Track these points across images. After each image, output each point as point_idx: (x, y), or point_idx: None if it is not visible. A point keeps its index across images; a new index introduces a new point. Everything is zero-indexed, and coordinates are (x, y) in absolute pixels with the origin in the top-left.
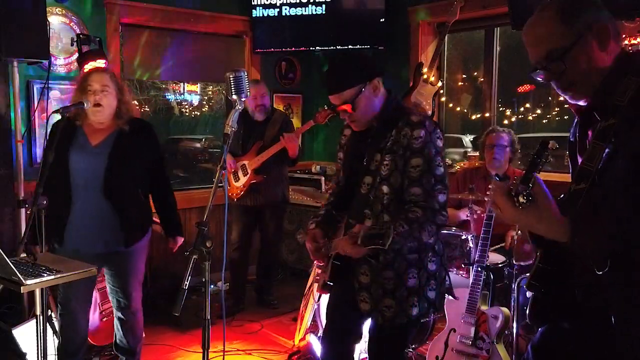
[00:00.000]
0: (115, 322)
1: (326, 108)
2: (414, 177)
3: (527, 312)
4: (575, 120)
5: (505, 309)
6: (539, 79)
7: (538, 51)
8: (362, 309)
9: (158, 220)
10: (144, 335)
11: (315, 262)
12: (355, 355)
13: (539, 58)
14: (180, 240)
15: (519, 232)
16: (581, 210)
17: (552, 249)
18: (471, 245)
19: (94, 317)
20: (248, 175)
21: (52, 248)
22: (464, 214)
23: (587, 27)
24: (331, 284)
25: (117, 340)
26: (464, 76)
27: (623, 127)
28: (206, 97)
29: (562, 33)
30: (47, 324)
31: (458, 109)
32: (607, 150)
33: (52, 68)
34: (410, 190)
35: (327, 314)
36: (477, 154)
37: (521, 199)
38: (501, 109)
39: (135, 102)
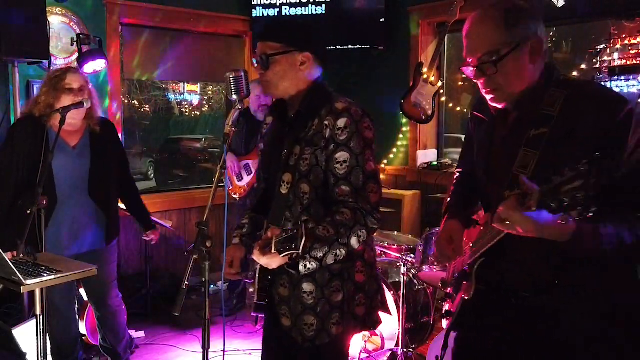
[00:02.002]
0: (97, 322)
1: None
2: (341, 174)
3: (454, 319)
4: (477, 118)
5: None
6: (467, 74)
7: (475, 48)
8: (283, 325)
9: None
10: (131, 337)
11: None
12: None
13: (474, 55)
14: (158, 232)
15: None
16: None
17: (490, 257)
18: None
19: (95, 317)
20: (252, 175)
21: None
22: None
23: (526, 38)
24: (263, 303)
25: (100, 340)
26: (464, 76)
27: (554, 138)
28: (206, 97)
29: (503, 38)
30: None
31: (458, 109)
32: (537, 157)
33: (52, 68)
34: (337, 189)
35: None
36: None
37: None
38: None
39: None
